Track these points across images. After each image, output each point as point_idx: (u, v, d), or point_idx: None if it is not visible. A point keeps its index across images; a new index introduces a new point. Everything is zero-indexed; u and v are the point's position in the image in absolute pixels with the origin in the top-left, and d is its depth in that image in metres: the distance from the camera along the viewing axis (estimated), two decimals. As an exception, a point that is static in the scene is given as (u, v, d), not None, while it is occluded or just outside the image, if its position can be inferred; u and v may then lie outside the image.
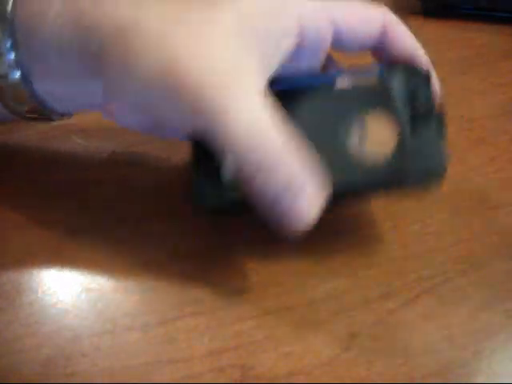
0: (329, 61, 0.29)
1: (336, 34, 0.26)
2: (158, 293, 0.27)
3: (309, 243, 0.29)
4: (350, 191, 0.26)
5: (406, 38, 0.28)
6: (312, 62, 0.28)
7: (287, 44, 0.25)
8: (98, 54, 0.24)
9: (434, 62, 0.27)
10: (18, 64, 0.25)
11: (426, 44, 0.45)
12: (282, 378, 0.24)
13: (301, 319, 0.26)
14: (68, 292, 0.27)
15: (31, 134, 0.36)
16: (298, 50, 0.26)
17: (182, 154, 0.35)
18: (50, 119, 0.30)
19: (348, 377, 0.24)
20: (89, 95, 0.27)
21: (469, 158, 0.34)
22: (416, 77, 0.27)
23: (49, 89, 0.27)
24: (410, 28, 0.28)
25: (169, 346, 0.25)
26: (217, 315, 0.26)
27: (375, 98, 0.26)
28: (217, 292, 0.27)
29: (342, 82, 0.27)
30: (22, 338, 0.25)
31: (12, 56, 0.25)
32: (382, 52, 0.28)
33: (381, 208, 0.31)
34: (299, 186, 0.22)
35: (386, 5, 0.27)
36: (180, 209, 0.31)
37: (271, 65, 0.25)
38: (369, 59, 0.29)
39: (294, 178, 0.22)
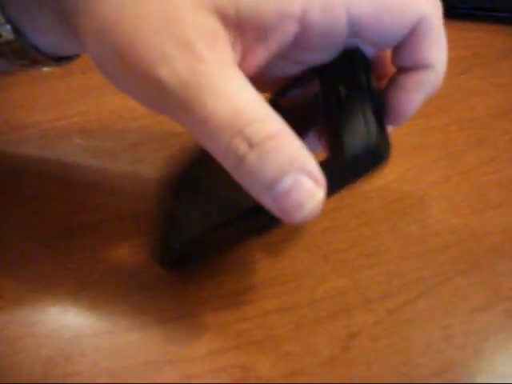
0: None
1: (353, 27, 0.22)
2: (158, 293, 0.27)
3: (309, 243, 0.29)
4: None
5: (433, 50, 0.23)
6: (322, 56, 0.24)
7: (284, 31, 0.21)
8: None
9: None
10: (7, 20, 0.24)
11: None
12: (281, 377, 0.24)
13: (301, 319, 0.26)
14: (68, 292, 0.27)
15: (32, 133, 0.36)
16: (302, 40, 0.22)
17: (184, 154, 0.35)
18: (56, 65, 0.28)
19: (348, 377, 0.24)
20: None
21: (469, 158, 0.34)
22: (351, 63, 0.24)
23: (42, 41, 0.25)
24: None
25: (169, 346, 0.25)
26: (217, 315, 0.26)
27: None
28: (217, 292, 0.27)
29: None
30: (22, 337, 0.25)
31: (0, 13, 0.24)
32: (397, 55, 0.24)
33: (381, 208, 0.31)
34: (301, 166, 0.19)
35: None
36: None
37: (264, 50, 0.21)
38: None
39: (295, 156, 0.19)
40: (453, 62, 0.43)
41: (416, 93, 0.24)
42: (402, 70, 0.24)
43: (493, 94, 0.39)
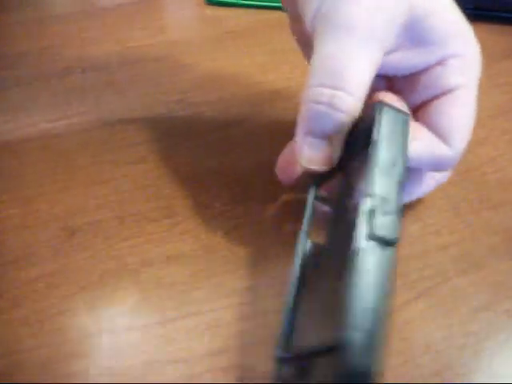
0: None
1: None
2: (158, 293, 0.27)
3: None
4: None
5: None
6: None
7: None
8: None
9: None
10: None
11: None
12: (282, 378, 0.24)
13: (301, 319, 0.26)
14: (68, 292, 0.27)
15: (32, 133, 0.36)
16: None
17: (184, 154, 0.35)
18: None
19: (348, 377, 0.23)
20: None
21: (469, 158, 0.34)
22: None
23: None
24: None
25: (169, 346, 0.25)
26: (217, 315, 0.26)
27: None
28: (217, 292, 0.27)
29: None
30: (22, 337, 0.25)
31: None
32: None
33: (381, 208, 0.31)
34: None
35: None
36: (181, 209, 0.31)
37: None
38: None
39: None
40: (453, 61, 0.43)
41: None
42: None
43: (493, 94, 0.39)
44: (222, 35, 0.47)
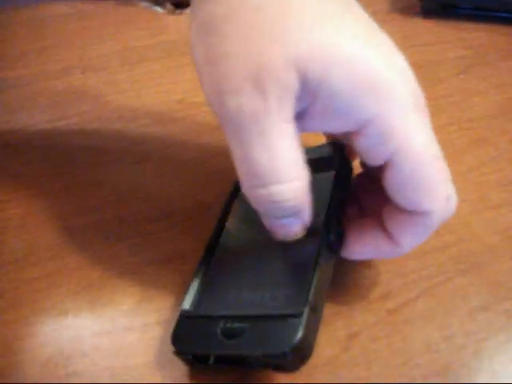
0: None
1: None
2: (158, 293, 0.27)
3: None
4: None
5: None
6: None
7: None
8: None
9: (434, 62, 0.27)
10: None
11: (425, 44, 0.45)
12: (281, 378, 0.24)
13: (301, 319, 0.26)
14: (68, 292, 0.27)
15: (32, 133, 0.37)
16: None
17: (184, 154, 0.35)
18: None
19: (348, 377, 0.24)
20: None
21: (469, 158, 0.34)
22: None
23: None
24: (409, 28, 0.28)
25: (168, 346, 0.25)
26: (217, 315, 0.26)
27: None
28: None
29: None
30: (22, 337, 0.25)
31: None
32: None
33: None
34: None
35: (386, 5, 0.27)
36: (181, 209, 0.31)
37: None
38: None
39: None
40: (453, 61, 0.43)
41: None
42: None
43: (493, 94, 0.39)
44: (221, 35, 0.47)
